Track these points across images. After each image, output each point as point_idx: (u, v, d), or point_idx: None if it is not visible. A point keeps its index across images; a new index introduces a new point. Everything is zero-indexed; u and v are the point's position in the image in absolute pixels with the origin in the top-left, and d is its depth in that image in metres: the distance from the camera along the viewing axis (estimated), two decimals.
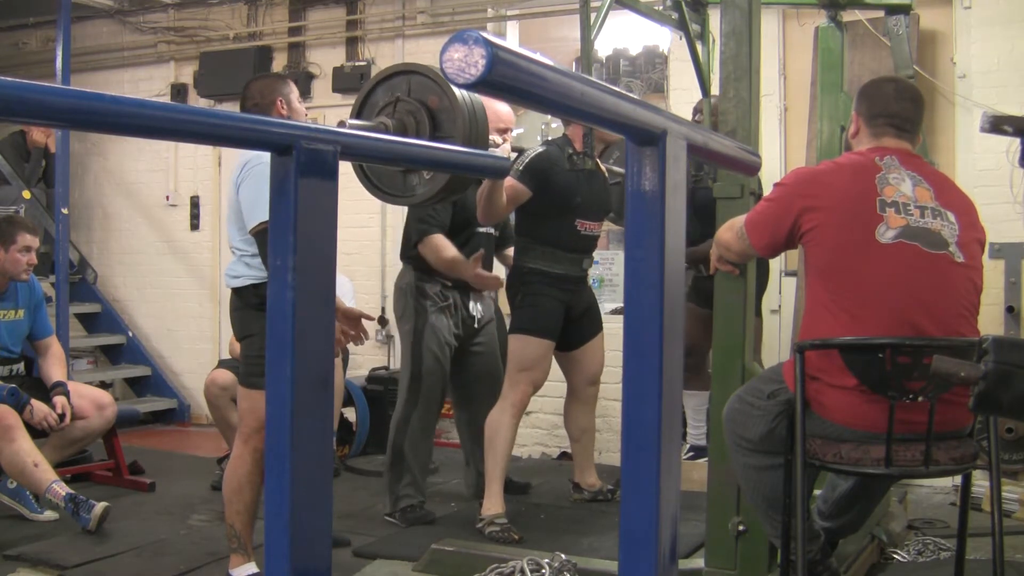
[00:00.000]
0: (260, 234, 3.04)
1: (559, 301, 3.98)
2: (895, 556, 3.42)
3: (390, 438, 4.11)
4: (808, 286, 2.59)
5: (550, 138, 4.35)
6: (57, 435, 4.22)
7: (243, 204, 3.12)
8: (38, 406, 4.02)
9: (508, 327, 4.09)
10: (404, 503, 4.05)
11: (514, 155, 3.98)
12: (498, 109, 3.98)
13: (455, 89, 2.22)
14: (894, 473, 2.42)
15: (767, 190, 2.80)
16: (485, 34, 1.02)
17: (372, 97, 2.54)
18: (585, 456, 4.35)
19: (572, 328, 4.11)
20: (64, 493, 3.86)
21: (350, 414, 5.54)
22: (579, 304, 4.12)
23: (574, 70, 1.37)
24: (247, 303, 3.21)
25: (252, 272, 3.19)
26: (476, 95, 2.36)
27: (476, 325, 4.22)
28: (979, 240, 2.61)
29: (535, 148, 4.04)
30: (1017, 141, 3.25)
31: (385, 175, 2.58)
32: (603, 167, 4.17)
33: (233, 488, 3.18)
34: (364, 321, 3.25)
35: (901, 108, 2.66)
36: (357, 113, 2.56)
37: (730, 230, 2.76)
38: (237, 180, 3.16)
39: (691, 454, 4.62)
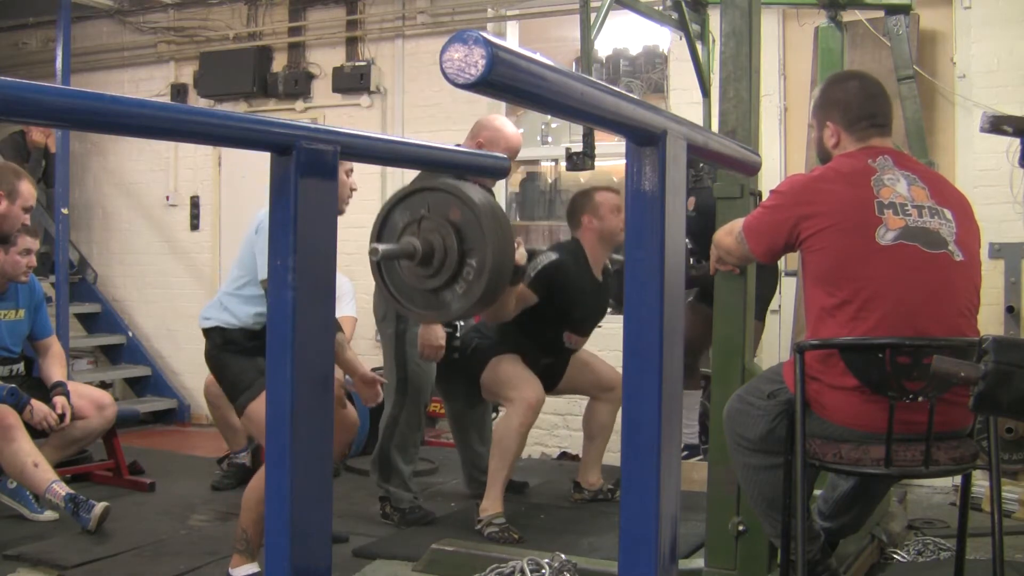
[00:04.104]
0: None
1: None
2: (895, 556, 3.42)
3: (378, 441, 4.10)
4: (807, 294, 2.58)
5: (563, 239, 4.28)
6: (57, 435, 4.21)
7: (259, 255, 3.26)
8: (38, 406, 4.02)
9: (475, 374, 4.04)
10: (395, 504, 4.05)
11: (525, 254, 3.95)
12: (509, 134, 3.98)
13: (475, 200, 2.23)
14: (894, 473, 2.42)
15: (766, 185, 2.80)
16: (485, 34, 1.02)
17: (391, 219, 2.52)
18: (595, 456, 4.34)
19: (542, 378, 4.04)
20: (64, 493, 3.85)
21: None
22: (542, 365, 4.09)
23: (574, 70, 1.37)
24: (214, 343, 3.43)
25: (221, 316, 3.40)
26: (495, 203, 2.36)
27: (457, 332, 4.17)
28: (977, 236, 2.61)
29: (548, 255, 4.00)
30: (1017, 141, 3.26)
31: (418, 295, 2.58)
32: (610, 258, 4.17)
33: (256, 498, 3.17)
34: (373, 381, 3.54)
35: (877, 106, 2.65)
36: (378, 234, 2.55)
37: (729, 234, 2.75)
38: (256, 229, 3.32)
39: (684, 453, 4.62)
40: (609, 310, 4.31)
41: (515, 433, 3.81)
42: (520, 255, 3.78)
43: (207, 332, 3.44)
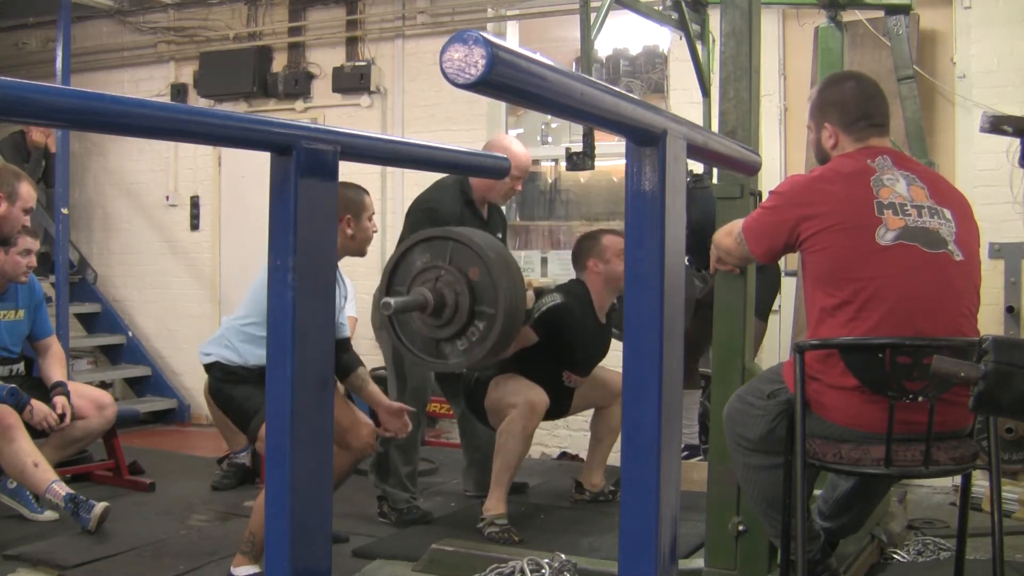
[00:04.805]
0: None
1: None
2: (895, 556, 3.42)
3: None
4: (807, 295, 2.58)
5: (570, 278, 4.24)
6: (57, 435, 4.21)
7: None
8: (38, 406, 4.02)
9: (479, 402, 4.02)
10: (393, 504, 4.06)
11: (531, 295, 3.91)
12: (518, 154, 3.97)
13: (492, 260, 2.21)
14: (894, 473, 2.42)
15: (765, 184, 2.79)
16: (485, 34, 1.02)
17: (410, 255, 2.49)
18: (601, 458, 4.34)
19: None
20: (64, 493, 3.85)
21: None
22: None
23: (574, 70, 1.37)
24: (215, 378, 3.47)
25: (222, 352, 3.43)
26: (514, 264, 2.34)
27: None
28: (976, 236, 2.61)
29: (554, 296, 3.99)
30: (1017, 141, 3.26)
31: (419, 338, 2.56)
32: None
33: None
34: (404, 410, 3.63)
35: (875, 106, 2.65)
36: (392, 269, 2.52)
37: (729, 235, 2.75)
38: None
39: (685, 453, 4.62)
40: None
41: (519, 435, 3.80)
42: (528, 298, 3.76)
43: (208, 367, 3.48)
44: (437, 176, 4.16)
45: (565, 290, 4.08)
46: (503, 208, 4.56)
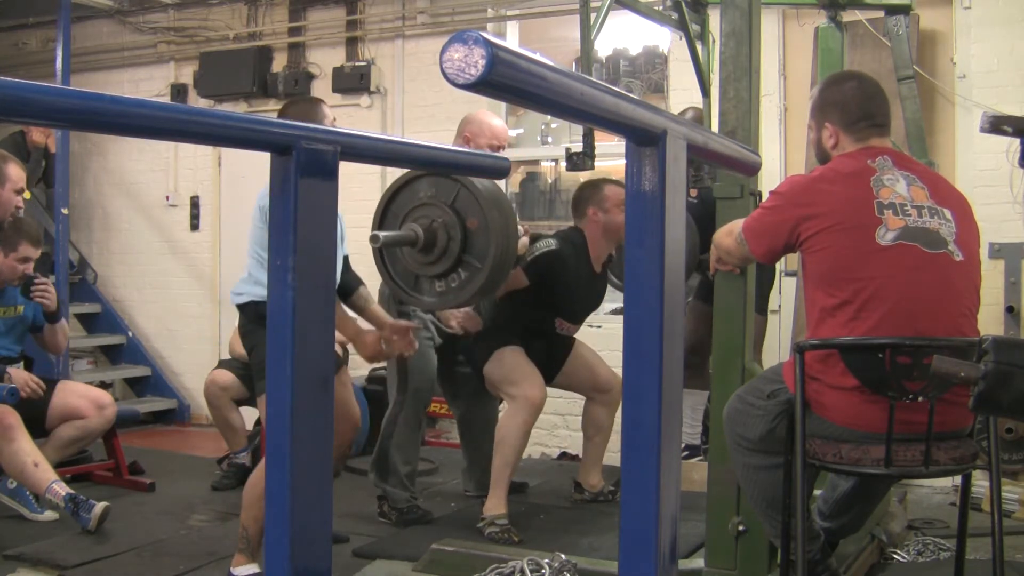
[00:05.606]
0: None
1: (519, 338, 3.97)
2: (895, 556, 3.42)
3: (378, 440, 4.11)
4: (807, 295, 2.58)
5: (566, 227, 4.25)
6: (57, 435, 4.22)
7: None
8: (16, 373, 4.03)
9: (478, 364, 4.03)
10: (393, 503, 4.06)
11: (526, 240, 3.92)
12: (493, 124, 3.98)
13: (496, 218, 2.20)
14: (894, 473, 2.42)
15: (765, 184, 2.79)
16: (485, 34, 1.02)
17: (415, 185, 2.47)
18: (595, 457, 4.33)
19: (541, 366, 4.02)
20: (64, 493, 3.86)
21: None
22: (539, 350, 4.05)
23: (574, 70, 1.37)
24: (249, 318, 3.34)
25: (254, 290, 3.31)
26: (512, 227, 2.34)
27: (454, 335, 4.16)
28: (976, 236, 2.61)
29: (548, 242, 3.98)
30: (1017, 141, 3.26)
31: (402, 270, 2.55)
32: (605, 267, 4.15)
33: (256, 495, 3.14)
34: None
35: (875, 106, 2.65)
36: (392, 196, 2.52)
37: (729, 235, 2.75)
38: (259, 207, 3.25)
39: (685, 453, 4.62)
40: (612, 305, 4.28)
41: (518, 431, 3.80)
42: (523, 244, 3.75)
43: (241, 308, 3.36)
44: None
45: (561, 237, 4.07)
46: None
